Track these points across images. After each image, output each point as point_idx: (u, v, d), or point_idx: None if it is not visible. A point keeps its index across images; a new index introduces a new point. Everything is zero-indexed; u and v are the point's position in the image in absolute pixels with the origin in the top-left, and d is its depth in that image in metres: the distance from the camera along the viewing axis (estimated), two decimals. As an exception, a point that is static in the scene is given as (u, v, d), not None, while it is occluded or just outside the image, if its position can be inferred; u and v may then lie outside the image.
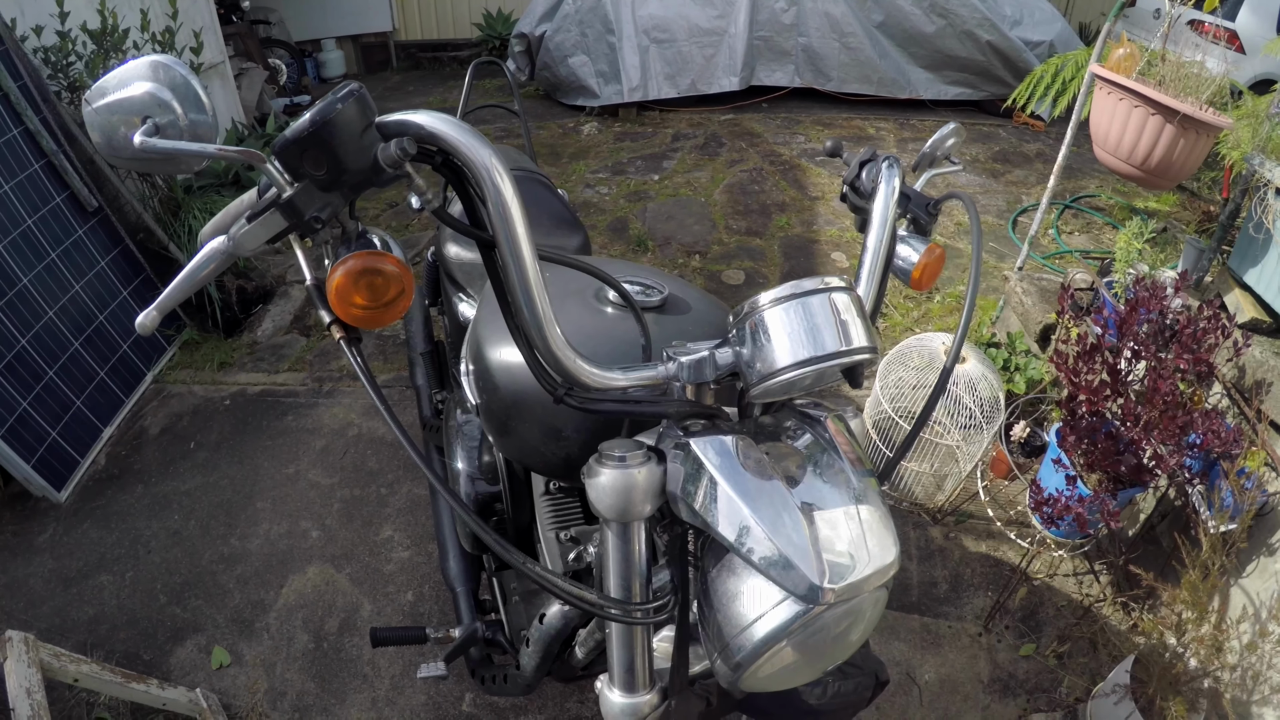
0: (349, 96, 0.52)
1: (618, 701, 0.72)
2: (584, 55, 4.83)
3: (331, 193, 0.56)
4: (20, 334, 2.09)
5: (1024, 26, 4.72)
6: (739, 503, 0.58)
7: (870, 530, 0.60)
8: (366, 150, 0.54)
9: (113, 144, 0.68)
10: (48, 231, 2.27)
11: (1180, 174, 1.91)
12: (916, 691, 1.66)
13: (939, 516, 2.08)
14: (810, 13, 4.73)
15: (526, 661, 1.09)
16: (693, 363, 0.63)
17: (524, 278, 0.56)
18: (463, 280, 1.45)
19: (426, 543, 1.98)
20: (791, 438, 0.66)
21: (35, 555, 1.96)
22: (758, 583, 0.59)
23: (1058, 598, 1.88)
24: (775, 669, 0.62)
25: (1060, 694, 1.65)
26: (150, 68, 0.64)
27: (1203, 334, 1.55)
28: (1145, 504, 1.87)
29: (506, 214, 0.54)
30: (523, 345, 0.61)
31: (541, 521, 1.04)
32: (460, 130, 0.54)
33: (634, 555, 0.65)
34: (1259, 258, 1.79)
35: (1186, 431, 1.49)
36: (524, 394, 0.89)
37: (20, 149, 2.23)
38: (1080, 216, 3.70)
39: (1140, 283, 1.69)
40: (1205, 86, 1.77)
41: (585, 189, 3.95)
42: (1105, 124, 1.95)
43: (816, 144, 4.58)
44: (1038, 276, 2.65)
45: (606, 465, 0.62)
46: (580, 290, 0.96)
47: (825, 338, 0.59)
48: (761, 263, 3.33)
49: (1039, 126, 4.85)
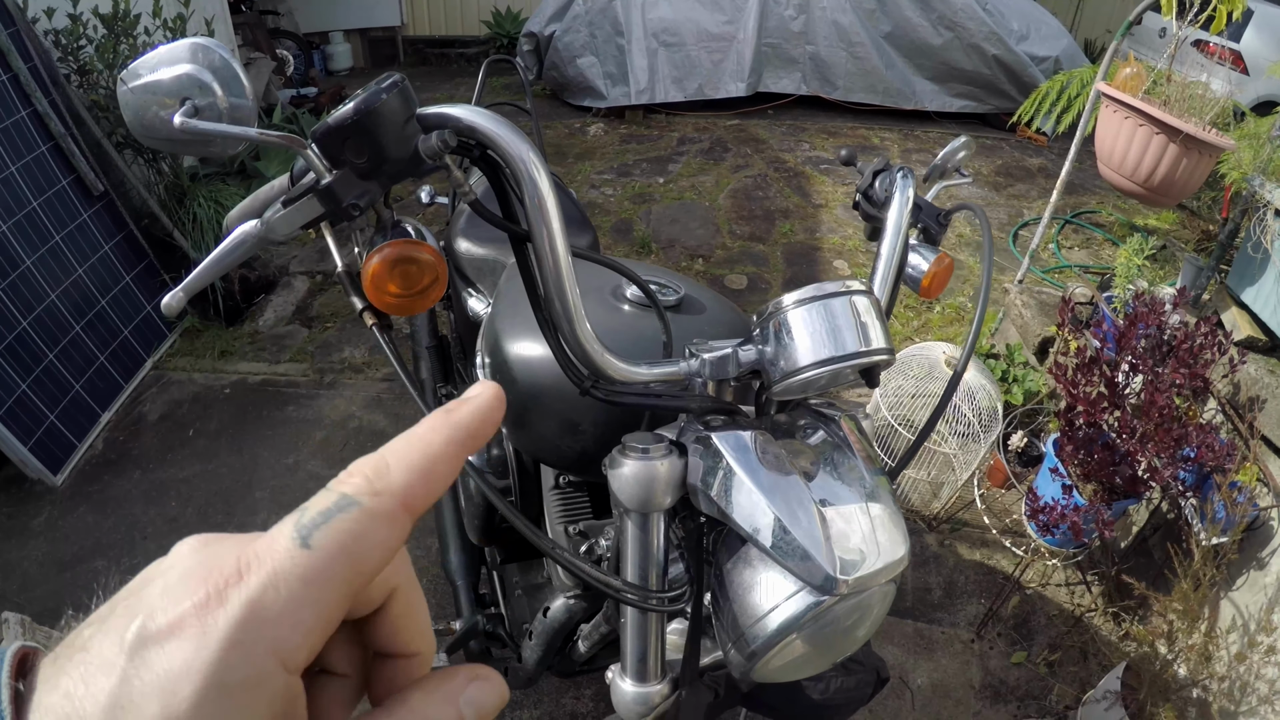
0: (393, 87, 0.54)
1: (629, 690, 0.73)
2: (592, 56, 4.85)
3: (370, 181, 0.57)
4: (21, 316, 2.09)
5: (1030, 41, 4.76)
6: (758, 495, 0.59)
7: (881, 526, 0.61)
8: (408, 140, 0.55)
9: (146, 124, 0.69)
10: (53, 214, 2.26)
11: (1182, 193, 1.94)
12: (909, 695, 1.68)
13: (935, 524, 2.10)
14: (819, 21, 4.77)
15: (529, 655, 1.10)
16: (716, 359, 0.64)
17: (557, 272, 0.57)
18: (472, 275, 1.46)
19: (424, 536, 1.98)
20: (806, 435, 0.68)
21: (30, 538, 1.95)
22: (773, 575, 0.61)
23: (1050, 607, 1.90)
24: (786, 660, 0.63)
25: (1050, 701, 1.67)
26: (191, 50, 0.66)
27: (1199, 350, 1.58)
28: (1138, 515, 1.90)
29: (543, 208, 0.55)
30: (551, 338, 0.62)
31: (550, 515, 1.05)
32: (499, 125, 0.55)
33: (653, 546, 0.67)
34: (1256, 277, 1.82)
35: (1181, 445, 1.52)
36: (542, 387, 0.90)
37: (28, 131, 2.23)
38: (1080, 232, 3.73)
39: (1140, 298, 1.71)
40: (1209, 107, 1.80)
41: (590, 190, 3.97)
42: (1110, 141, 1.97)
43: (822, 152, 4.61)
44: (1037, 290, 2.68)
45: (630, 456, 0.63)
46: (599, 287, 0.97)
47: (846, 338, 0.61)
48: (764, 268, 3.35)
49: (1041, 141, 4.89)
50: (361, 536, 0.20)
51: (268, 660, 0.19)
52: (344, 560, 0.20)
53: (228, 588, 0.19)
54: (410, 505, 0.21)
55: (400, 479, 0.21)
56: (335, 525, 0.20)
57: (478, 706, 0.23)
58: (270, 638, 0.19)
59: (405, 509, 0.21)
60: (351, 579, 0.20)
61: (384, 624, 0.24)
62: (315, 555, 0.20)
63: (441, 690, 0.23)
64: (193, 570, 0.20)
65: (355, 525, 0.20)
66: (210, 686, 0.18)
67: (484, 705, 0.23)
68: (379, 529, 0.21)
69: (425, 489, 0.22)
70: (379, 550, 0.21)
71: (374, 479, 0.21)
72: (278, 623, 0.19)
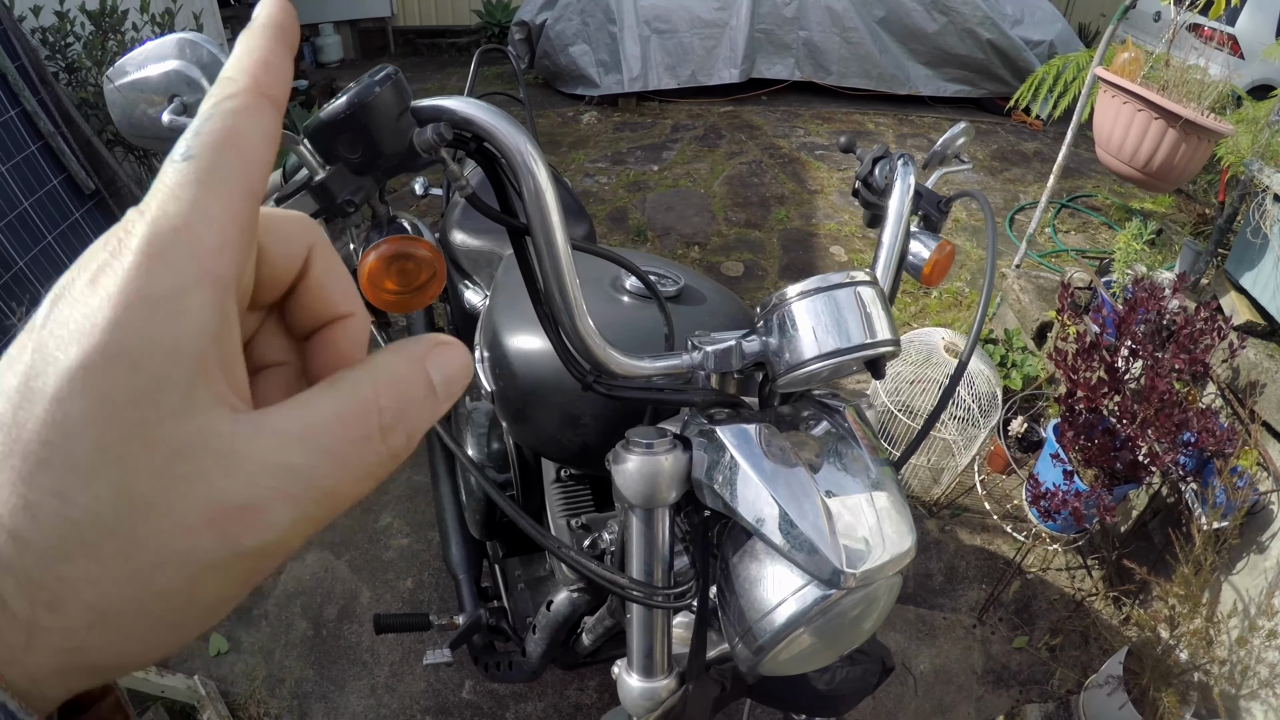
0: (386, 80, 0.52)
1: (636, 685, 0.73)
2: (585, 44, 4.81)
3: (365, 176, 0.56)
4: (15, 317, 2.07)
5: (1025, 26, 4.73)
6: (764, 488, 0.58)
7: (887, 518, 0.61)
8: (402, 134, 0.54)
9: (134, 122, 0.67)
10: (44, 214, 2.24)
11: (1181, 177, 1.93)
12: (912, 681, 1.69)
13: (935, 509, 2.10)
14: (812, 6, 4.73)
15: (532, 648, 1.10)
16: (719, 352, 0.63)
17: (557, 265, 0.56)
18: (469, 268, 1.45)
19: (426, 530, 1.98)
20: (810, 427, 0.67)
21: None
22: (779, 568, 0.60)
23: (1051, 591, 1.91)
24: (794, 653, 0.63)
25: (1052, 686, 1.68)
26: (178, 45, 0.64)
27: (1199, 335, 1.58)
28: (1138, 500, 1.90)
29: (541, 201, 0.54)
30: (552, 332, 0.61)
31: (552, 509, 1.04)
32: (496, 116, 0.54)
33: (658, 541, 0.66)
34: (1255, 262, 1.82)
35: (1181, 430, 1.52)
36: (542, 381, 0.89)
37: (17, 130, 2.20)
38: (1076, 216, 3.72)
39: (1139, 283, 1.71)
40: (1207, 92, 1.79)
41: (584, 178, 3.95)
42: (1108, 126, 1.96)
43: (816, 138, 4.59)
44: (1035, 274, 2.67)
45: (634, 451, 0.62)
46: (598, 279, 0.96)
47: (852, 330, 0.60)
48: (761, 255, 3.34)
49: (1036, 125, 4.88)
50: (234, 129, 0.20)
51: (190, 265, 0.18)
52: (230, 152, 0.19)
53: (131, 225, 0.18)
54: (265, 91, 0.21)
55: (246, 77, 0.21)
56: (206, 130, 0.19)
57: (444, 370, 0.22)
58: (185, 241, 0.18)
59: (263, 95, 0.21)
60: (245, 169, 0.20)
61: (310, 290, 0.23)
62: (199, 158, 0.19)
63: (407, 351, 0.22)
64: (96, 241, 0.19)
65: (224, 123, 0.20)
66: (134, 302, 0.17)
67: (450, 369, 0.22)
68: (249, 117, 0.20)
69: (270, 74, 0.21)
70: (259, 137, 0.20)
71: (221, 90, 0.21)
72: (188, 224, 0.18)
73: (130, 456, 0.17)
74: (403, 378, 0.21)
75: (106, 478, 0.17)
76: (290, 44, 0.23)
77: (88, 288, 0.17)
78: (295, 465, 0.19)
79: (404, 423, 0.21)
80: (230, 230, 0.19)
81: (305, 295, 0.24)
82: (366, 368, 0.21)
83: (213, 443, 0.18)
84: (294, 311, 0.24)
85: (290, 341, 0.24)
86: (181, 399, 0.17)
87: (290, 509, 0.19)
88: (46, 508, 0.16)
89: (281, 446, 0.19)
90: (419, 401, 0.21)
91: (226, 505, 0.18)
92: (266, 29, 0.22)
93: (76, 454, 0.16)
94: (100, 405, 0.17)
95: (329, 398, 0.20)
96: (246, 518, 0.18)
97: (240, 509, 0.18)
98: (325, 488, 0.19)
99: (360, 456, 0.20)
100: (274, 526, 0.18)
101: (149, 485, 0.17)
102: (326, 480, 0.19)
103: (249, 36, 0.22)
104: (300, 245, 0.23)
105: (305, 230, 0.23)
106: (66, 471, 0.16)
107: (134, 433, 0.17)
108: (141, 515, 0.17)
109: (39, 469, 0.16)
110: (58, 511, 0.17)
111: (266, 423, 0.19)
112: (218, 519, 0.18)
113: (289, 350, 0.24)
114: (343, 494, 0.20)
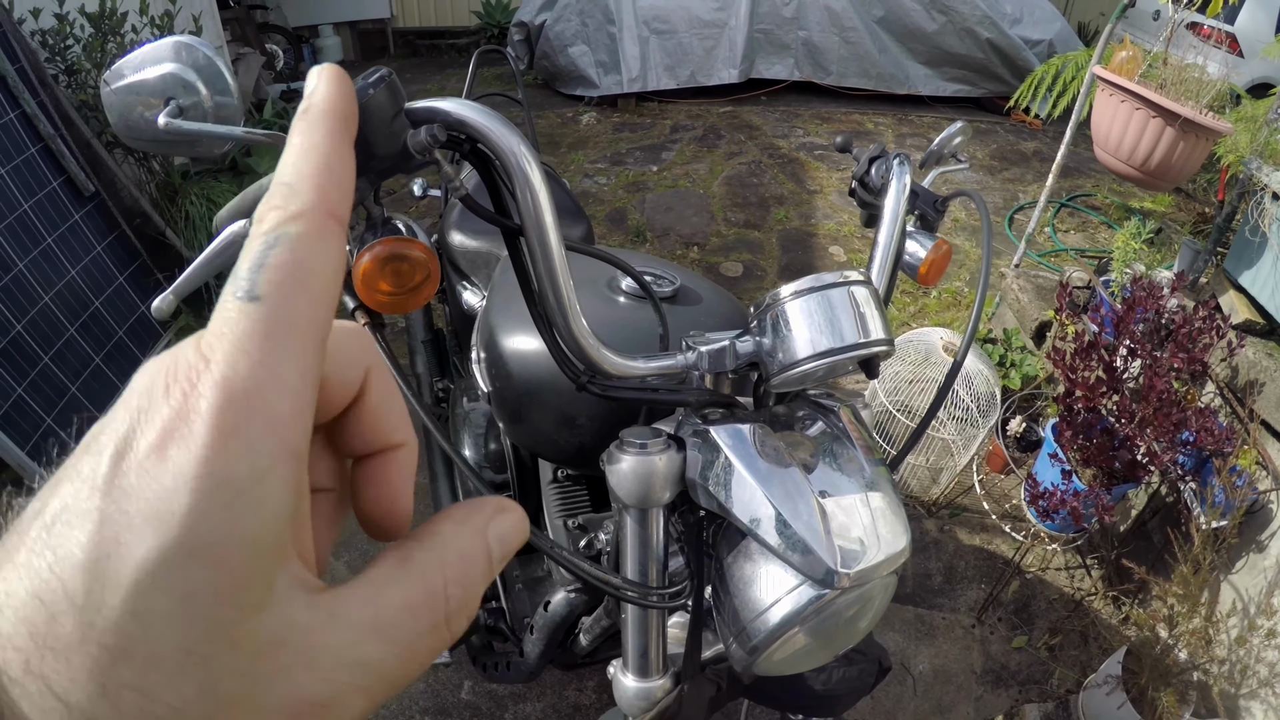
0: (379, 82, 0.53)
1: (631, 685, 0.73)
2: (584, 45, 4.82)
3: (359, 178, 0.56)
4: (16, 319, 2.07)
5: (1024, 25, 4.73)
6: (757, 489, 0.58)
7: (882, 518, 0.61)
8: (396, 136, 0.54)
9: (130, 125, 0.67)
10: (44, 216, 2.25)
11: (1179, 176, 1.93)
12: (911, 681, 1.69)
13: (934, 509, 2.10)
14: (811, 6, 4.73)
15: (530, 649, 1.10)
16: (713, 352, 0.63)
17: (550, 266, 0.56)
18: (466, 268, 1.45)
19: (425, 531, 1.98)
20: (805, 427, 0.67)
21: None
22: (773, 568, 0.60)
23: (1050, 591, 1.91)
24: (788, 653, 0.63)
25: (1051, 685, 1.68)
26: (174, 49, 0.64)
27: (1198, 334, 1.58)
28: (1137, 500, 1.90)
29: (535, 202, 0.54)
30: (546, 333, 0.61)
31: (549, 509, 1.05)
32: (489, 118, 0.54)
33: (652, 541, 0.66)
34: (1254, 260, 1.82)
35: (1180, 429, 1.52)
36: (538, 382, 0.90)
37: (17, 133, 2.21)
38: (1075, 215, 3.72)
39: (1138, 282, 1.71)
40: (1206, 90, 1.79)
41: (584, 179, 3.95)
42: (1106, 125, 1.96)
43: (815, 138, 4.59)
44: (1033, 274, 2.67)
45: (628, 452, 0.62)
46: (593, 279, 0.96)
47: (845, 330, 0.60)
48: (760, 255, 3.34)
49: (1036, 125, 4.88)
50: (303, 263, 0.18)
51: (267, 440, 0.17)
52: (299, 293, 0.18)
53: (198, 377, 0.17)
54: (332, 210, 0.20)
55: (310, 191, 0.19)
56: (273, 264, 0.18)
57: (503, 539, 0.22)
58: (261, 412, 0.17)
59: (330, 216, 0.19)
60: (314, 313, 0.18)
61: (364, 414, 0.22)
62: (268, 302, 0.18)
63: (471, 522, 0.22)
64: (154, 379, 0.17)
65: (292, 254, 0.18)
66: (213, 489, 0.16)
67: (508, 538, 0.22)
68: (316, 248, 0.19)
69: (336, 187, 0.20)
70: (327, 269, 0.19)
71: (287, 205, 0.19)
72: (261, 392, 0.17)
73: (215, 656, 0.16)
74: (469, 557, 0.21)
75: (192, 678, 0.16)
76: (352, 136, 0.21)
77: (155, 456, 0.16)
78: (369, 660, 0.19)
79: (467, 607, 0.21)
80: (304, 395, 0.18)
81: (358, 422, 0.22)
82: (434, 548, 0.21)
83: (293, 637, 0.18)
84: (343, 435, 0.23)
85: (335, 464, 0.23)
86: (263, 593, 0.17)
87: (363, 701, 0.19)
88: (128, 700, 0.16)
89: (357, 641, 0.19)
90: (480, 580, 0.21)
91: (307, 701, 0.18)
92: (327, 119, 0.21)
93: (159, 652, 0.16)
94: (183, 604, 0.16)
95: (399, 586, 0.20)
96: (324, 713, 0.18)
97: (319, 705, 0.18)
98: (394, 678, 0.19)
99: (428, 646, 0.20)
100: (346, 718, 0.19)
101: (234, 684, 0.17)
102: (396, 671, 0.19)
103: (308, 129, 0.21)
104: (358, 369, 0.22)
105: (363, 350, 0.22)
106: (150, 668, 0.16)
107: (218, 633, 0.16)
108: (225, 713, 0.17)
109: (119, 660, 0.16)
110: (140, 706, 0.16)
111: (340, 612, 0.19)
112: (297, 715, 0.18)
113: (334, 476, 0.23)
114: (407, 679, 0.20)
